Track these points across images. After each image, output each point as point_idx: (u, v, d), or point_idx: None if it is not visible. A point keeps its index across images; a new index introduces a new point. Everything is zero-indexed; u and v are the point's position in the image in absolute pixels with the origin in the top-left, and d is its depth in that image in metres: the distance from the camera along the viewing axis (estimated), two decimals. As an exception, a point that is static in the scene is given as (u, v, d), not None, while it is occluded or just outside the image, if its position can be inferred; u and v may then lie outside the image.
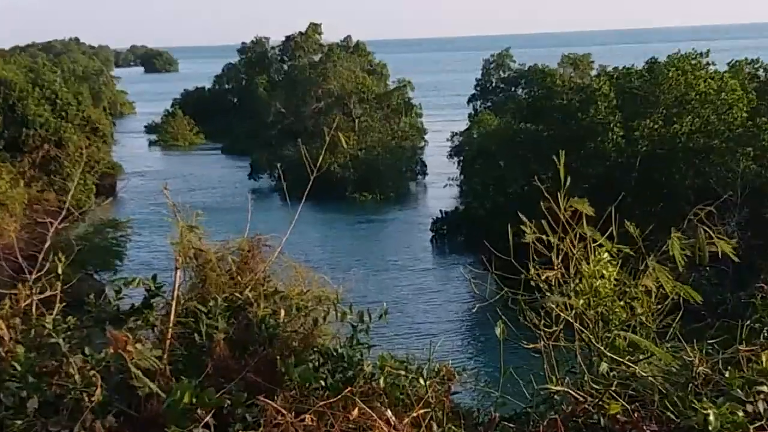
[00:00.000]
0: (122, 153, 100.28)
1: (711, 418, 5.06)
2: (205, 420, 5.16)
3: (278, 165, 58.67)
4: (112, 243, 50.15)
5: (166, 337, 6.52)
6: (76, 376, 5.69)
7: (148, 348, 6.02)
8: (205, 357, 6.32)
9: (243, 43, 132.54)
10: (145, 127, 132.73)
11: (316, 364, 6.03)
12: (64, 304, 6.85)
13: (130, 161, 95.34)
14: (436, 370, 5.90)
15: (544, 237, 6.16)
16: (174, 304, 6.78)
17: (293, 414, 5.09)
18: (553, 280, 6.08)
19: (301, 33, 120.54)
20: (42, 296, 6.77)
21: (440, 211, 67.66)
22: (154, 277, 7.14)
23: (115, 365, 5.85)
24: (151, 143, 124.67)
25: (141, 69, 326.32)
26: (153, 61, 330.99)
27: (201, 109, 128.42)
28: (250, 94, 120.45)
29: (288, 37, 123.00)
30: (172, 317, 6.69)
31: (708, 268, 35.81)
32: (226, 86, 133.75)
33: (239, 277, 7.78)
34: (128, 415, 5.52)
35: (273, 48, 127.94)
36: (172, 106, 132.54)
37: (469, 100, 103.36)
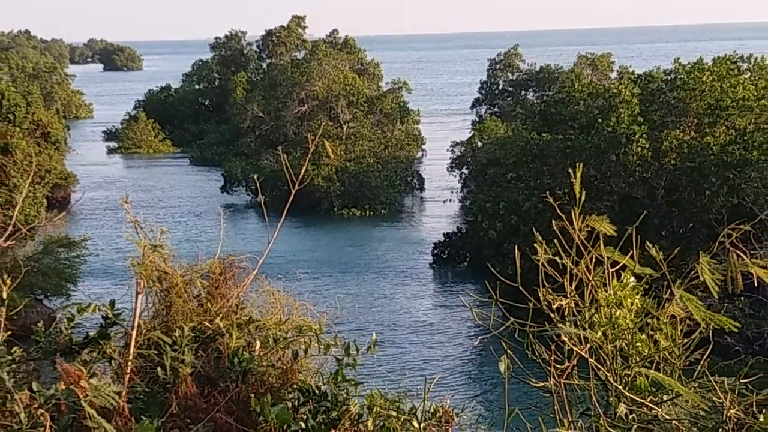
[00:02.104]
0: (77, 161, 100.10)
1: (743, 467, 5.10)
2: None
3: (255, 177, 58.70)
4: (65, 264, 50.01)
5: (125, 371, 6.53)
6: (22, 415, 5.69)
7: (105, 383, 6.02)
8: (169, 394, 6.32)
9: (216, 38, 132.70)
10: (104, 132, 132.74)
11: (296, 403, 6.04)
12: (9, 333, 6.85)
13: (86, 171, 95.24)
14: (432, 411, 5.92)
15: (557, 259, 6.20)
16: (134, 333, 6.80)
17: (270, 461, 5.11)
18: (566, 310, 6.10)
19: (282, 27, 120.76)
20: (-16, 324, 6.78)
21: (443, 234, 67.53)
22: (112, 303, 7.15)
23: (67, 403, 5.85)
24: (110, 151, 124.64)
25: (100, 66, 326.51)
26: (113, 57, 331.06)
27: (167, 113, 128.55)
28: (223, 95, 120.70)
29: (268, 32, 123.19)
30: (132, 348, 6.71)
31: (742, 297, 35.95)
32: (197, 87, 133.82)
33: (209, 304, 7.79)
34: (81, 460, 5.52)
35: (250, 44, 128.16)
36: (135, 108, 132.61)
37: (473, 105, 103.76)
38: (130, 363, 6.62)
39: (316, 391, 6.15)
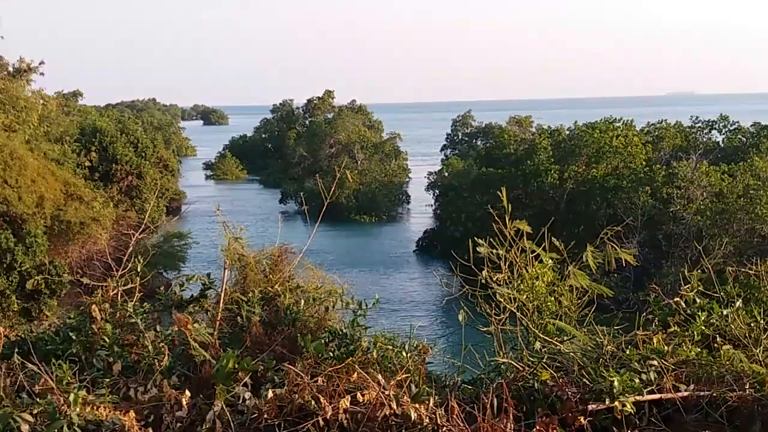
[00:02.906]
0: (186, 183, 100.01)
1: (615, 383, 5.07)
2: (244, 381, 5.15)
3: (302, 194, 58.61)
4: (177, 249, 50.02)
5: (216, 319, 6.51)
6: (150, 347, 5.69)
7: (203, 327, 6.01)
8: (244, 334, 6.31)
9: (274, 104, 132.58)
10: (203, 164, 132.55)
11: (327, 340, 6.01)
12: (141, 294, 6.85)
13: (191, 190, 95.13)
14: (415, 345, 5.90)
15: (495, 251, 6.19)
16: (222, 295, 6.78)
17: (309, 377, 5.09)
18: (502, 281, 6.09)
19: (318, 97, 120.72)
20: (125, 288, 6.77)
21: (423, 231, 67.56)
22: (208, 275, 7.16)
23: (179, 339, 5.84)
24: (207, 177, 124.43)
25: (200, 122, 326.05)
26: (209, 116, 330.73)
27: (245, 152, 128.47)
28: (281, 141, 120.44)
29: (309, 100, 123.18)
30: (221, 304, 6.69)
31: (616, 274, 35.87)
32: (263, 135, 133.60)
33: (271, 276, 7.79)
34: (187, 376, 5.51)
35: (297, 108, 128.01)
36: (223, 149, 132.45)
37: (441, 149, 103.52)
38: (219, 314, 6.60)
39: (340, 333, 6.13)
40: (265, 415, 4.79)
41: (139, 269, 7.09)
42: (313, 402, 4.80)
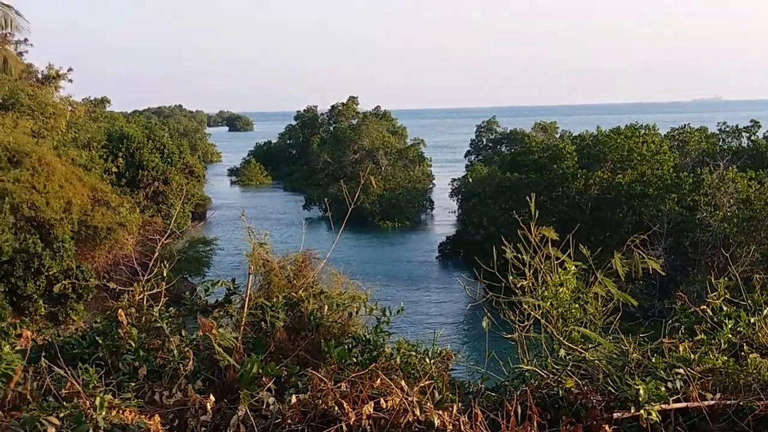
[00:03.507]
0: (211, 189, 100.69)
1: (641, 392, 5.02)
2: (268, 385, 5.17)
3: (326, 200, 58.76)
4: (202, 255, 50.32)
5: (241, 324, 6.54)
6: (175, 351, 5.72)
7: (228, 331, 6.04)
8: (269, 339, 6.33)
9: (298, 110, 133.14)
10: (228, 170, 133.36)
11: (350, 346, 6.02)
12: (167, 298, 6.90)
13: (216, 196, 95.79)
14: (438, 352, 5.88)
15: (520, 256, 6.16)
16: (247, 300, 6.81)
17: (332, 382, 5.09)
18: (527, 287, 6.06)
19: (342, 103, 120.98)
20: (151, 292, 6.83)
21: (446, 237, 67.45)
22: (233, 281, 7.20)
23: (203, 344, 5.87)
24: (232, 183, 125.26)
25: (226, 128, 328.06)
26: (235, 122, 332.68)
27: (269, 158, 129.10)
28: (305, 147, 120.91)
29: (333, 106, 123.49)
30: (245, 309, 6.72)
31: (641, 281, 35.55)
32: (288, 141, 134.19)
33: (295, 281, 7.79)
34: (212, 380, 5.54)
35: (321, 114, 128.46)
36: (248, 155, 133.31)
37: (466, 155, 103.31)
38: (244, 318, 6.63)
39: (363, 339, 6.13)
40: (289, 420, 4.81)
41: (164, 274, 7.14)
42: (336, 408, 4.81)
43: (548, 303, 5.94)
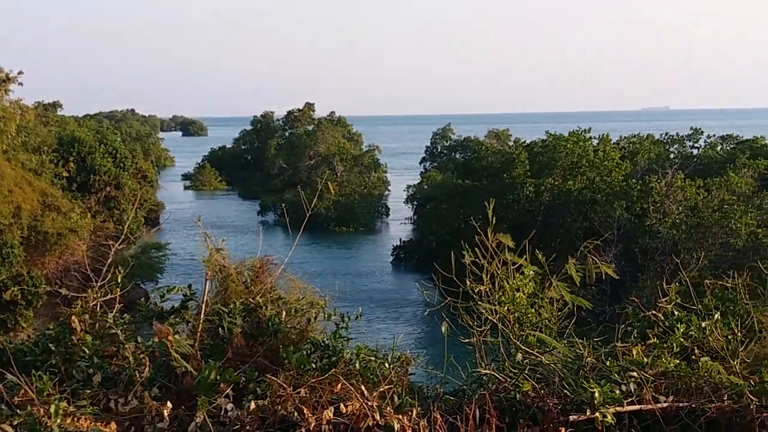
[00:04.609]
0: (164, 194, 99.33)
1: (596, 394, 5.10)
2: (226, 392, 5.12)
3: (282, 205, 58.51)
4: (155, 261, 49.59)
5: (197, 330, 6.45)
6: (130, 358, 5.63)
7: (184, 338, 5.96)
8: (226, 345, 6.26)
9: (254, 116, 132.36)
10: (182, 175, 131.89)
11: (309, 351, 5.98)
12: (121, 305, 6.78)
13: (170, 201, 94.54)
14: (397, 356, 5.89)
15: (477, 261, 6.20)
16: (203, 306, 6.73)
17: (292, 388, 5.06)
18: (484, 293, 6.11)
19: (298, 109, 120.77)
20: (105, 299, 6.71)
21: (400, 240, 67.72)
22: (189, 286, 7.10)
23: (159, 350, 5.79)
24: (186, 188, 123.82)
25: (180, 133, 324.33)
26: (189, 127, 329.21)
27: (224, 164, 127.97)
28: (260, 153, 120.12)
29: (289, 112, 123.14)
30: (202, 316, 6.64)
31: (593, 287, 36.04)
32: (243, 147, 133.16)
33: (252, 287, 7.72)
34: (169, 387, 5.46)
35: (277, 120, 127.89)
36: (202, 160, 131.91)
37: (421, 161, 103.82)
38: (200, 325, 6.55)
39: (322, 344, 6.10)
40: (248, 427, 4.77)
41: (118, 280, 7.02)
42: (296, 413, 4.78)
43: (505, 308, 5.99)
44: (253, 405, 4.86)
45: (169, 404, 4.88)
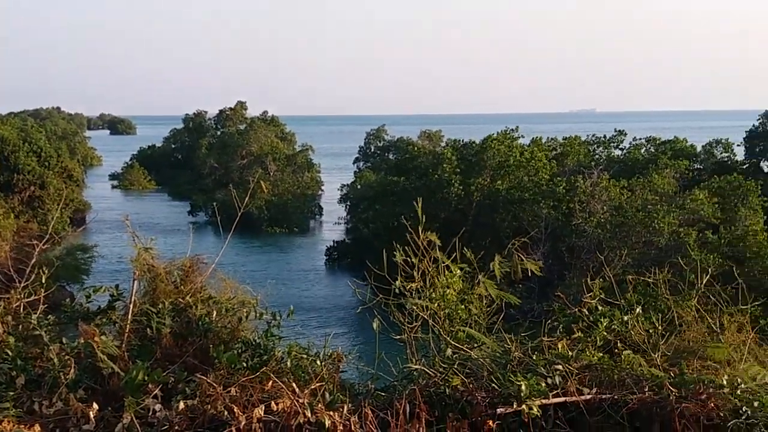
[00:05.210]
0: (91, 194, 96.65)
1: (523, 387, 5.20)
2: (154, 392, 5.04)
3: (214, 204, 57.70)
4: (81, 262, 48.27)
5: (124, 331, 6.33)
6: (55, 360, 5.50)
7: (111, 339, 5.85)
8: (154, 346, 6.16)
9: (186, 114, 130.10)
10: (109, 175, 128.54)
11: (240, 351, 5.93)
12: (45, 306, 6.61)
13: (97, 200, 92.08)
14: (329, 354, 5.89)
15: (408, 259, 6.26)
16: (131, 306, 6.61)
17: (222, 387, 5.02)
18: (415, 290, 6.16)
19: (230, 108, 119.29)
20: (28, 300, 6.53)
21: (333, 241, 67.62)
22: (117, 287, 6.96)
23: (85, 352, 5.66)
24: (113, 187, 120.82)
25: (107, 132, 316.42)
26: (117, 125, 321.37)
27: (153, 163, 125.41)
28: (191, 152, 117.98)
29: (221, 111, 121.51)
30: (129, 316, 6.52)
31: (521, 285, 36.69)
32: (173, 146, 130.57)
33: (182, 287, 7.62)
34: (95, 389, 5.34)
35: (209, 119, 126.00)
36: (131, 159, 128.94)
37: (354, 161, 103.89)
38: (128, 325, 6.42)
39: (253, 343, 6.06)
40: (176, 427, 4.71)
41: (43, 281, 6.83)
42: (226, 412, 4.74)
43: (435, 304, 6.06)
44: (182, 405, 4.80)
45: (95, 406, 4.78)
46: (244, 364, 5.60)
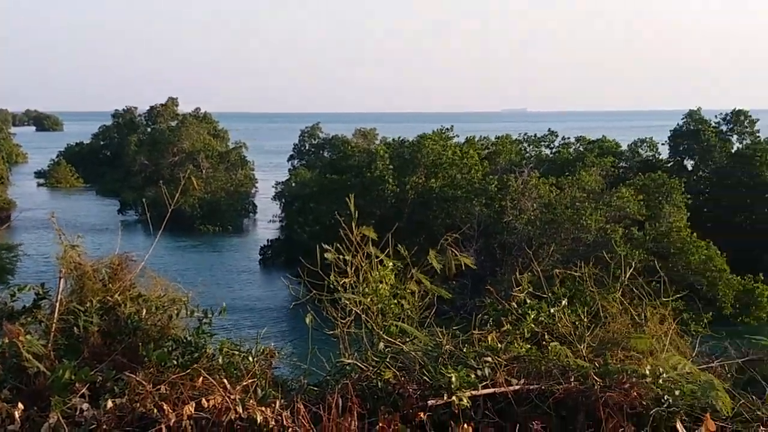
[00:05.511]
0: (16, 192, 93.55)
1: (453, 379, 5.28)
2: (82, 392, 4.94)
3: (143, 200, 56.50)
4: (5, 262, 46.66)
5: (51, 330, 6.19)
6: (-23, 360, 5.34)
7: (36, 338, 5.71)
8: (82, 344, 6.04)
9: (116, 110, 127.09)
10: (35, 172, 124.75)
11: (171, 348, 5.85)
12: (-34, 306, 6.41)
13: (22, 198, 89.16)
14: (261, 350, 5.88)
15: (342, 255, 6.28)
16: (57, 305, 6.45)
17: (152, 385, 4.95)
18: (348, 285, 6.19)
19: (162, 104, 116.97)
20: (-52, 299, 6.32)
21: (267, 239, 67.07)
22: (42, 285, 6.80)
23: (10, 351, 5.52)
24: (39, 185, 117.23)
25: (33, 128, 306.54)
26: (43, 122, 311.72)
27: (81, 160, 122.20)
28: (120, 149, 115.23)
29: (152, 107, 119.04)
30: (56, 315, 6.36)
31: (454, 281, 37.16)
32: (102, 143, 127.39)
33: (111, 285, 7.49)
34: (20, 388, 5.21)
35: (140, 115, 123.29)
36: (57, 156, 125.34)
37: (289, 159, 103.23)
38: (54, 324, 6.27)
39: (184, 341, 5.99)
40: (105, 426, 4.63)
41: (-36, 280, 6.62)
42: (155, 410, 4.69)
43: (368, 299, 6.10)
44: (110, 404, 4.72)
45: (20, 405, 4.66)
46: (175, 362, 5.53)
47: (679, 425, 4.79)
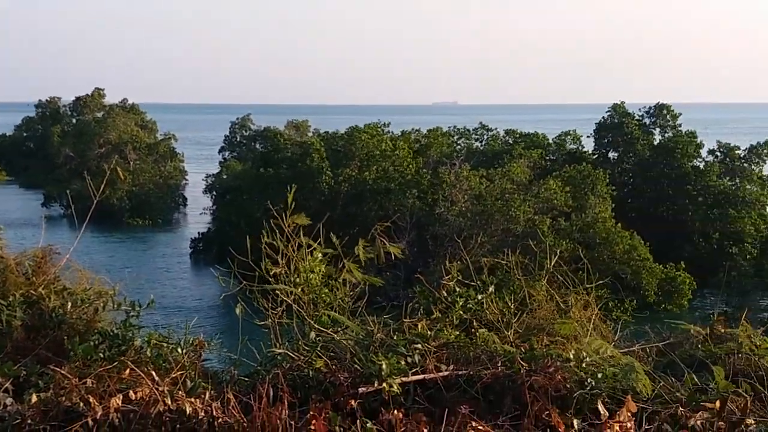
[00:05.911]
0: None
1: (384, 367, 5.34)
2: (5, 386, 4.82)
3: (68, 192, 54.84)
4: None
5: (-30, 326, 6.00)
6: None
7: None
8: (5, 339, 5.89)
9: (39, 100, 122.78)
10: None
11: (97, 342, 5.75)
12: None
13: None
14: (190, 341, 5.82)
15: (274, 244, 6.27)
16: (-23, 299, 6.26)
17: (77, 378, 4.86)
18: (280, 275, 6.19)
19: (87, 95, 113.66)
20: None
21: (198, 232, 66.09)
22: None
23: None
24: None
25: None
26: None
27: (2, 152, 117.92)
28: (44, 141, 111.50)
29: (77, 98, 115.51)
30: (-24, 309, 6.17)
31: (388, 273, 37.38)
32: (24, 134, 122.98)
33: (34, 278, 7.34)
34: (-63, 386, 5.03)
35: (65, 106, 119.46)
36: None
37: (220, 151, 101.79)
38: (-26, 320, 6.09)
39: (111, 334, 5.89)
40: (29, 420, 4.52)
41: None
42: (81, 403, 4.60)
43: (299, 289, 6.10)
44: (34, 398, 4.62)
45: (-63, 403, 4.50)
46: (101, 355, 5.44)
47: (600, 407, 4.94)
